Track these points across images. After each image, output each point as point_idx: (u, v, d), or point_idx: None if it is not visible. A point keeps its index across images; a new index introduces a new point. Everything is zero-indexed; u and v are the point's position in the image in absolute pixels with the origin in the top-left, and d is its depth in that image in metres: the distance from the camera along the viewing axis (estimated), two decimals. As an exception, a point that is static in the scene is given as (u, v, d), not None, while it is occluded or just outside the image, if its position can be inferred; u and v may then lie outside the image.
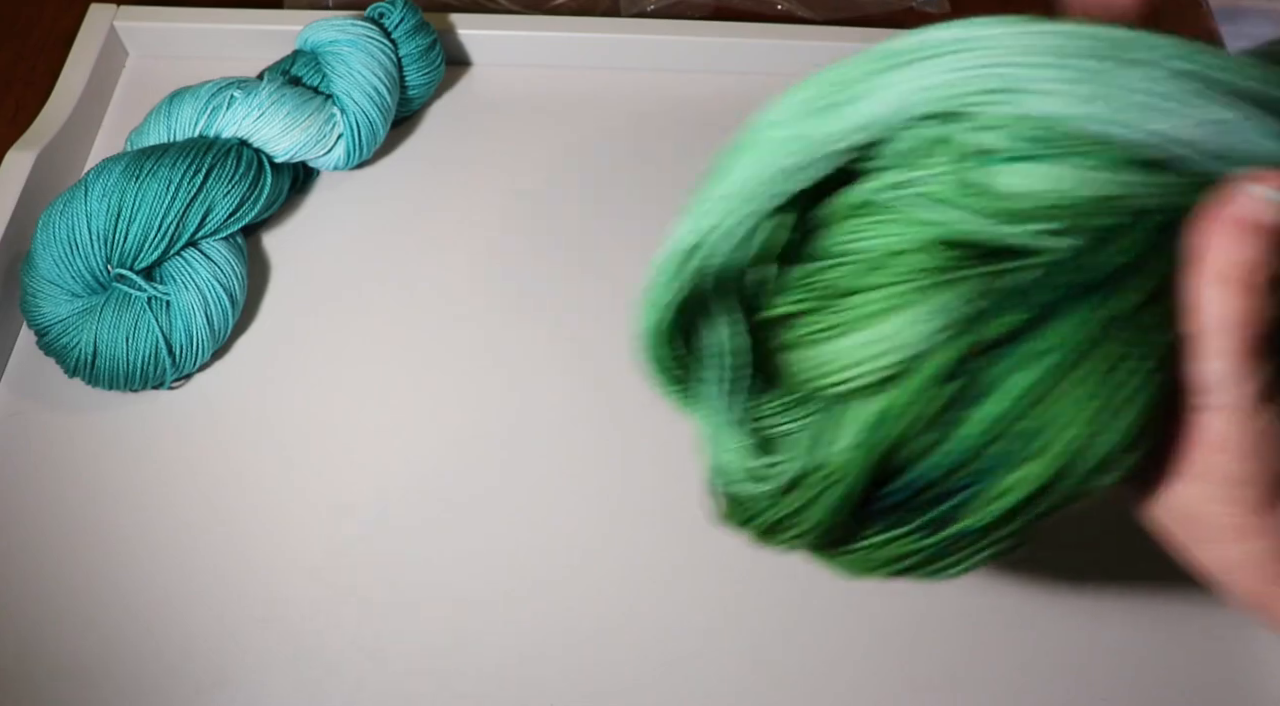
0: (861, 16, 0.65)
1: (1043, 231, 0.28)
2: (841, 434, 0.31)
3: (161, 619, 0.45)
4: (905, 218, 0.30)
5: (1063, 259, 0.28)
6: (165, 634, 0.45)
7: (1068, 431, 0.28)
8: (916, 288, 0.29)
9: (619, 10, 0.66)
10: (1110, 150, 0.28)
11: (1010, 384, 0.29)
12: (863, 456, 0.30)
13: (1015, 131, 0.28)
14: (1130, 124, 0.28)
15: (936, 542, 0.31)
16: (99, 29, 0.60)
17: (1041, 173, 0.28)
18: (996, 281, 0.29)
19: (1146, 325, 0.29)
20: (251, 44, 0.61)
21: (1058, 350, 0.28)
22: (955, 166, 0.30)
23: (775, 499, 0.33)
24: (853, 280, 0.31)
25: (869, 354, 0.30)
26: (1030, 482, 0.29)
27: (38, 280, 0.48)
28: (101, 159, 0.51)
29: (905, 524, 0.31)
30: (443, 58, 0.59)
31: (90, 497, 0.48)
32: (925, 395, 0.29)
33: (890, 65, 0.30)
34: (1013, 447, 0.29)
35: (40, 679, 0.44)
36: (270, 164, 0.53)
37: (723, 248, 0.32)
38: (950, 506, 0.30)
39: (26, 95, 0.60)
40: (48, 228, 0.48)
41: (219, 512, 0.48)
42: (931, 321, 0.29)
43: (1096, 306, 0.28)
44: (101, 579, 0.46)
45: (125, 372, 0.48)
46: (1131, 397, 0.28)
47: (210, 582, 0.46)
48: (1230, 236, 0.29)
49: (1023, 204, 0.29)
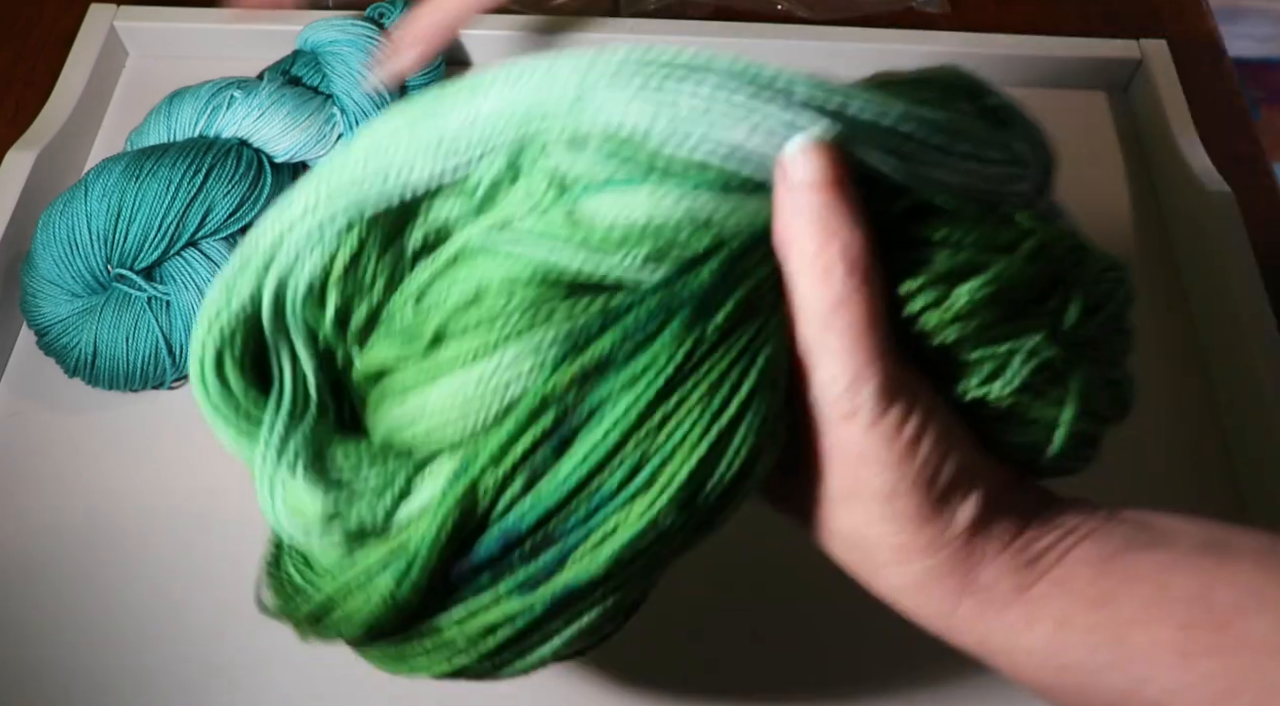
0: (861, 17, 0.65)
1: (632, 258, 0.27)
2: (417, 494, 0.28)
3: (161, 618, 0.45)
4: (496, 256, 0.29)
5: (654, 283, 0.27)
6: (165, 633, 0.45)
7: (676, 458, 0.26)
8: (509, 327, 0.28)
9: (619, 10, 0.66)
10: (691, 171, 0.27)
11: (606, 413, 0.27)
12: (439, 519, 0.27)
13: (594, 155, 0.28)
14: (697, 134, 0.27)
15: (535, 605, 0.27)
16: (99, 29, 0.60)
17: (624, 199, 0.28)
18: (588, 310, 0.27)
19: (748, 341, 0.27)
20: (251, 44, 0.61)
21: (651, 371, 0.26)
22: (542, 198, 0.29)
23: (331, 560, 0.29)
24: (440, 323, 0.29)
25: (460, 401, 0.28)
26: (641, 518, 0.26)
27: (38, 280, 0.48)
28: (101, 159, 0.51)
29: (497, 582, 0.27)
30: (443, 58, 0.59)
31: (90, 497, 0.48)
32: (511, 437, 0.27)
33: (473, 89, 0.29)
34: (617, 481, 0.26)
35: (40, 679, 0.44)
36: (270, 164, 0.53)
37: (286, 262, 0.30)
38: (552, 557, 0.27)
39: (26, 95, 0.60)
40: (48, 227, 0.48)
41: (218, 512, 0.47)
42: (523, 361, 0.27)
43: (689, 325, 0.27)
44: (101, 578, 0.46)
45: (125, 373, 0.48)
46: (739, 417, 0.27)
47: (210, 581, 0.46)
48: (799, 213, 0.27)
49: (610, 233, 0.28)
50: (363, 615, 0.28)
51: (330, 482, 0.29)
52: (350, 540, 0.28)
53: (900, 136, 0.29)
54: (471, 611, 0.27)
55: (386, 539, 0.28)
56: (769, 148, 0.27)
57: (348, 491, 0.29)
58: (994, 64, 0.61)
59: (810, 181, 0.27)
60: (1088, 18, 0.67)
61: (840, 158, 0.27)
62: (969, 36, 0.62)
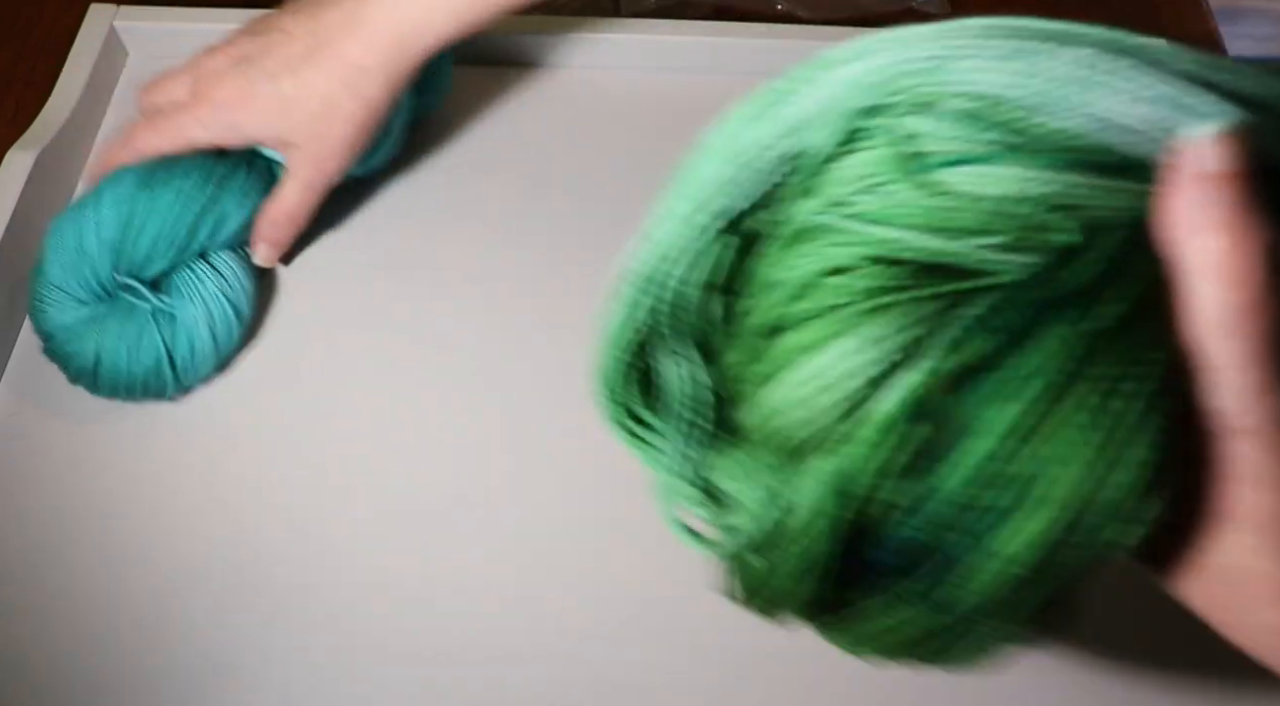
0: (861, 17, 0.65)
1: (992, 242, 0.25)
2: (800, 494, 0.27)
3: (160, 620, 0.45)
4: (835, 237, 0.27)
5: (1025, 274, 0.25)
6: (164, 635, 0.45)
7: (1069, 470, 0.24)
8: (848, 313, 0.26)
9: (619, 10, 0.66)
10: (1059, 145, 0.25)
11: (990, 419, 0.24)
12: (825, 520, 0.26)
13: (952, 123, 0.25)
14: (1068, 104, 0.25)
15: (941, 613, 0.26)
16: (99, 29, 0.60)
17: (984, 174, 0.25)
18: (948, 303, 0.25)
19: (1139, 340, 0.25)
20: (251, 44, 0.61)
21: (1040, 375, 0.24)
22: (889, 173, 0.26)
23: (739, 561, 0.29)
24: (780, 311, 0.28)
25: (802, 396, 0.26)
26: (1034, 535, 0.24)
27: (45, 286, 0.48)
28: (101, 159, 0.51)
29: (902, 590, 0.26)
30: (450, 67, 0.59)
31: (90, 502, 0.48)
32: (887, 440, 0.25)
33: (824, 67, 0.27)
34: (1007, 495, 0.24)
35: (39, 679, 0.44)
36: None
37: (675, 274, 0.30)
38: (947, 569, 0.25)
39: (26, 95, 0.60)
40: (57, 233, 0.48)
41: (217, 516, 0.47)
42: (867, 352, 0.25)
43: (1075, 322, 0.24)
44: (100, 580, 0.46)
45: (126, 383, 0.48)
46: (1139, 426, 0.24)
47: (210, 588, 0.46)
48: (1205, 206, 0.24)
49: (967, 212, 0.25)
50: (785, 604, 0.28)
51: (720, 501, 0.30)
52: (746, 548, 0.29)
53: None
54: (876, 610, 0.27)
55: (775, 540, 0.28)
56: (1149, 124, 0.25)
57: (734, 506, 0.30)
58: None
59: (1220, 172, 0.24)
60: (1087, 18, 0.67)
61: (1249, 147, 0.25)
62: (969, 36, 0.62)
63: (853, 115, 0.27)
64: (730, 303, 0.30)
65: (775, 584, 0.28)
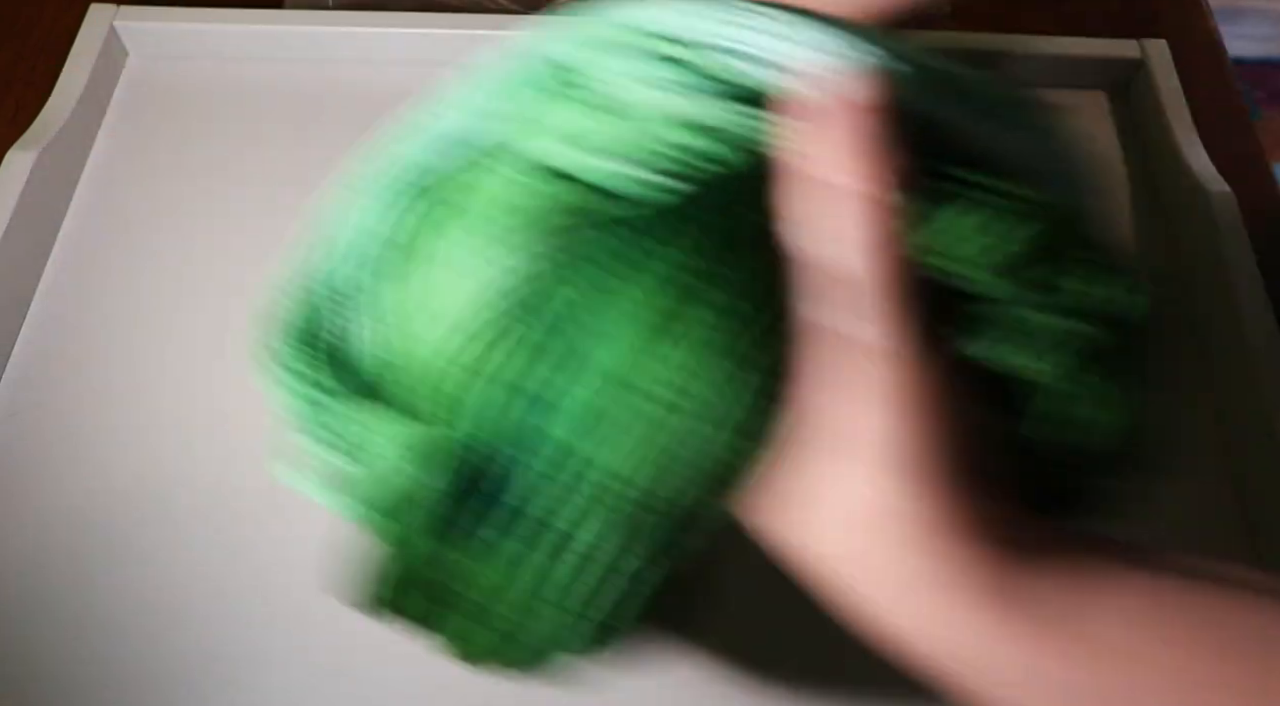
0: (861, 16, 0.65)
1: (630, 164, 0.25)
2: (400, 453, 0.27)
3: (162, 615, 0.45)
4: (487, 164, 0.28)
5: (652, 197, 0.25)
6: (166, 630, 0.45)
7: (684, 386, 0.24)
8: (480, 241, 0.26)
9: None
10: (708, 74, 0.26)
11: (597, 349, 0.24)
12: (423, 464, 0.26)
13: (605, 53, 0.27)
14: (703, 28, 0.26)
15: (556, 558, 0.25)
16: (99, 29, 0.60)
17: (630, 101, 0.26)
18: (578, 223, 0.25)
19: (753, 272, 0.25)
20: (251, 44, 0.61)
21: (653, 300, 0.24)
22: (537, 97, 0.28)
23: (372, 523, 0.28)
24: (424, 246, 0.28)
25: (430, 335, 0.26)
26: (637, 450, 0.24)
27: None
28: (100, 159, 0.51)
29: (505, 536, 0.26)
30: None
31: (90, 501, 0.48)
32: (503, 372, 0.25)
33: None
34: (620, 415, 0.24)
35: (40, 676, 0.44)
36: None
37: (353, 239, 0.30)
38: (558, 505, 0.25)
39: (26, 95, 0.60)
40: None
41: (219, 510, 0.47)
42: (489, 284, 0.25)
43: (692, 251, 0.24)
44: (101, 576, 0.46)
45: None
46: (758, 345, 0.24)
47: (211, 580, 0.46)
48: (845, 134, 0.25)
49: (607, 134, 0.26)
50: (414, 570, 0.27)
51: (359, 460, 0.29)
52: (360, 504, 0.28)
53: (941, 84, 0.27)
54: (483, 556, 0.26)
55: (385, 494, 0.27)
56: (802, 63, 0.26)
57: (355, 455, 0.29)
58: (994, 64, 0.61)
59: (863, 103, 0.25)
60: (1088, 18, 0.67)
61: (890, 89, 0.26)
62: (969, 36, 0.62)
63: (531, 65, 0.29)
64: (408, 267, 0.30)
65: (406, 546, 0.27)
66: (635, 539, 0.25)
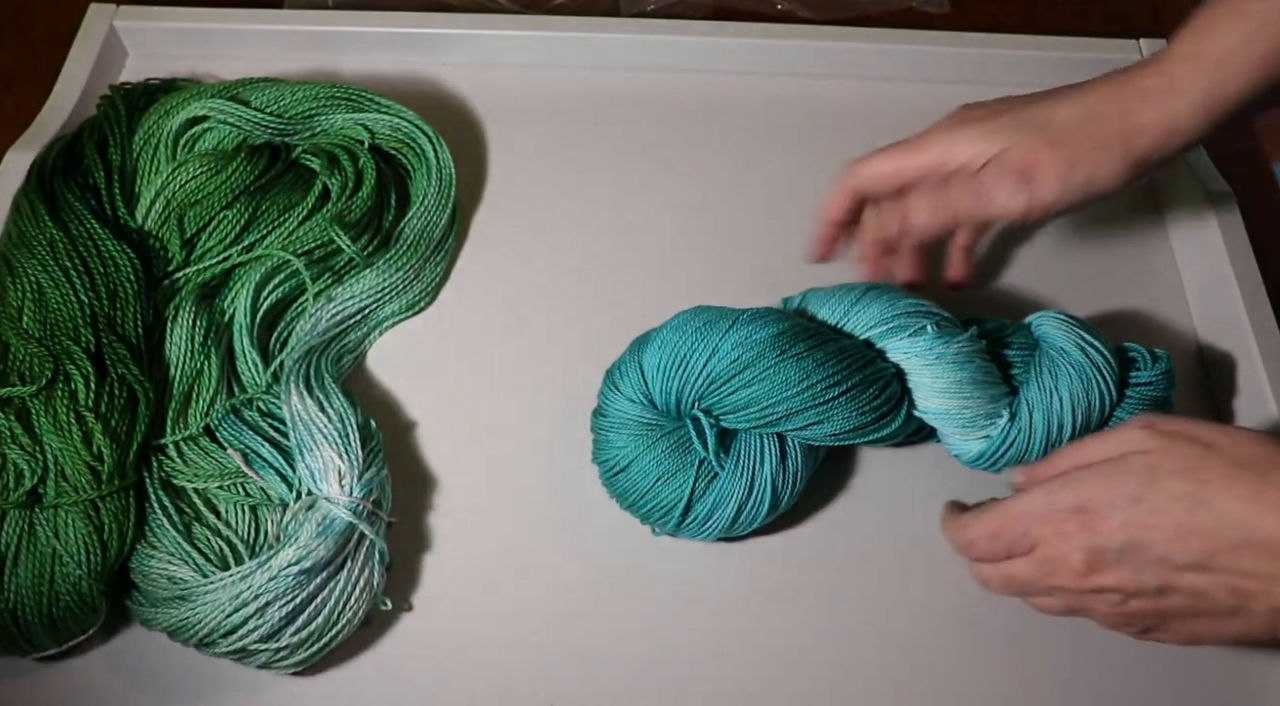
0: (861, 16, 0.65)
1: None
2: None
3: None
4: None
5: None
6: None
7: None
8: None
9: (619, 10, 0.66)
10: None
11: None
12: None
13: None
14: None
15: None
16: (99, 29, 0.60)
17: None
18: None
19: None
20: (251, 44, 0.61)
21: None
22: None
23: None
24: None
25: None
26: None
27: (634, 367, 0.47)
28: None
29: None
30: None
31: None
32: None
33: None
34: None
35: (41, 673, 0.44)
36: (907, 409, 0.47)
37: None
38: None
39: (26, 95, 0.60)
40: (678, 329, 0.46)
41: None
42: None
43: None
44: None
45: (635, 501, 0.46)
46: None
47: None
48: None
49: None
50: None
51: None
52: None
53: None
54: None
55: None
56: None
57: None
58: (994, 64, 0.61)
59: None
60: (1088, 18, 0.67)
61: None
62: (969, 36, 0.62)
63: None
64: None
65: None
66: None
